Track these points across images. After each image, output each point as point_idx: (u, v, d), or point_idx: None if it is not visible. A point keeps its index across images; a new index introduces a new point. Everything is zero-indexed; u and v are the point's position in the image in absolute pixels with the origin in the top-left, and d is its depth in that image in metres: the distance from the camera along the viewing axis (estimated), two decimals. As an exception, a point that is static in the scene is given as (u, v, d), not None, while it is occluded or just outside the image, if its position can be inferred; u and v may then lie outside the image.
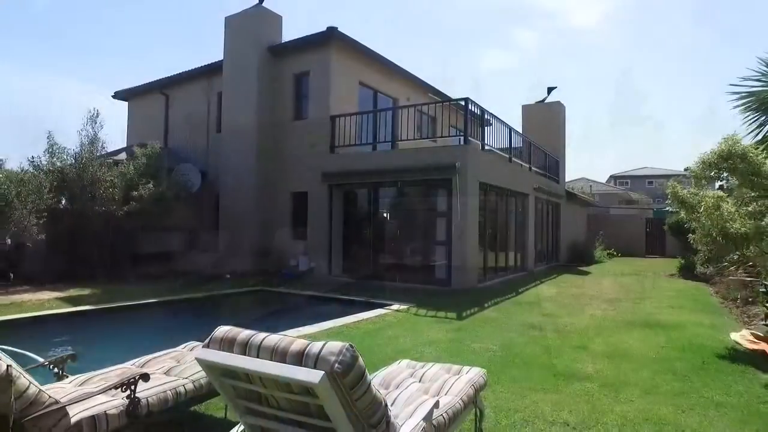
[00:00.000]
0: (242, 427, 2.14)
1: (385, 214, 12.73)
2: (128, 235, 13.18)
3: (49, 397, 2.32)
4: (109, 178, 11.59)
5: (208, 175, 15.46)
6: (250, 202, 13.64)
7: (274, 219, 13.83)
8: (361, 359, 1.75)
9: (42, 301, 8.75)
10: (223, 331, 1.94)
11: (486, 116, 12.33)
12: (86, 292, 9.89)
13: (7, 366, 2.10)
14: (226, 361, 1.78)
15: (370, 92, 14.82)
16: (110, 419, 2.53)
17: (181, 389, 2.94)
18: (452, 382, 2.91)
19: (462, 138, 11.56)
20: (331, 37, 12.83)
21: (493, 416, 3.60)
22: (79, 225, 11.52)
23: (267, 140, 13.79)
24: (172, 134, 17.28)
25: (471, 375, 3.07)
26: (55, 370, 3.20)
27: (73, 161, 11.47)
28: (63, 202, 11.11)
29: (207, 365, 1.89)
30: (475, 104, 11.68)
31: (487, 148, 12.11)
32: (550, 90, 20.38)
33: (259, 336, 1.84)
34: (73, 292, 9.82)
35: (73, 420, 2.37)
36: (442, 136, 13.36)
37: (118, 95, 19.66)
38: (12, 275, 8.86)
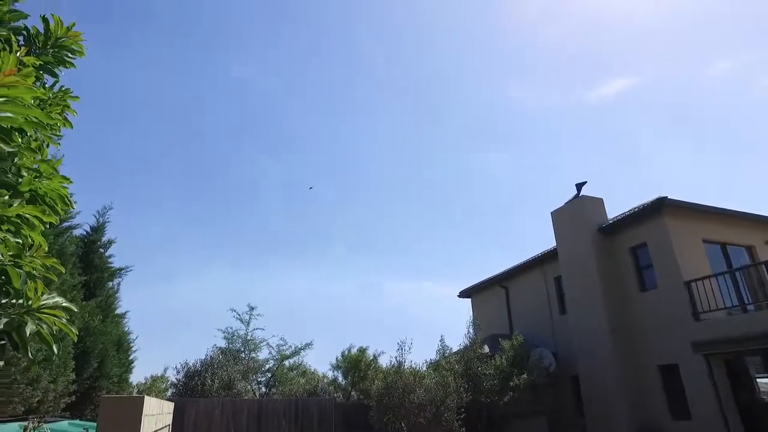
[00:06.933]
0: None
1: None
2: (501, 420, 14.52)
3: None
4: (488, 371, 13.46)
5: (558, 355, 16.20)
6: (612, 381, 13.50)
7: (644, 396, 13.23)
8: None
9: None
10: None
11: None
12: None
13: None
14: None
15: (717, 247, 14.02)
16: None
17: None
18: None
19: None
20: (661, 206, 13.21)
21: None
22: (469, 416, 13.38)
23: (616, 315, 14.03)
24: (516, 321, 19.10)
25: None
26: None
27: (459, 358, 13.91)
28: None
29: None
30: None
31: None
32: None
33: None
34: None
35: None
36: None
37: (462, 294, 23.24)
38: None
